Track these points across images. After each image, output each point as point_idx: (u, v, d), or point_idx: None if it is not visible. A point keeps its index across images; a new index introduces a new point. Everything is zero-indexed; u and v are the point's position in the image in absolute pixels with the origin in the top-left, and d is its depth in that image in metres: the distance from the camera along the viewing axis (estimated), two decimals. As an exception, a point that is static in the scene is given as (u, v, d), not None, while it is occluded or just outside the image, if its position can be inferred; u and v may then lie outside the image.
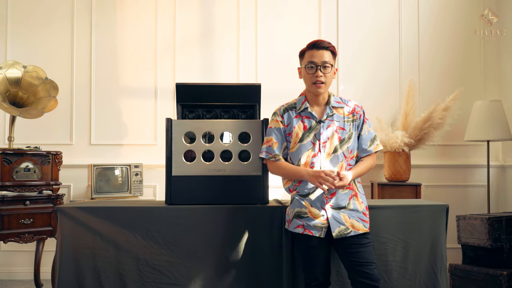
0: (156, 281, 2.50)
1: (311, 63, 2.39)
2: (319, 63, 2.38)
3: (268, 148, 2.46)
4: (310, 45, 2.42)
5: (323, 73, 2.38)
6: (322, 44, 2.40)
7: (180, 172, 2.62)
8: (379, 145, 2.51)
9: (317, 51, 2.39)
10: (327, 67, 2.38)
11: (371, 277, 2.26)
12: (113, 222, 2.52)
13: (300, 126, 2.43)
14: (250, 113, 2.86)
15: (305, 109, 2.44)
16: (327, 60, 2.39)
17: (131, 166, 4.22)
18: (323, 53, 2.39)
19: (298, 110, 2.45)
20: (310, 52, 2.41)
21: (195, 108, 2.85)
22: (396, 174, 4.17)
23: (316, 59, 2.38)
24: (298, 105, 2.47)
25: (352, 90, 4.57)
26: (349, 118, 2.45)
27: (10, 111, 3.66)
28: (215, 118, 2.84)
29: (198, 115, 2.85)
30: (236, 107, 2.85)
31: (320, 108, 2.46)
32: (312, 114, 2.43)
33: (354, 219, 2.34)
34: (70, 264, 2.50)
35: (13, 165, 3.58)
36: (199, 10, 4.60)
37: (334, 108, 2.45)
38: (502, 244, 3.41)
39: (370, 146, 2.48)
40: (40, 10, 4.51)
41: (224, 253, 2.53)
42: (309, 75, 2.40)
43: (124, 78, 4.54)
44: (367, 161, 2.47)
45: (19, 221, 3.59)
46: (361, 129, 2.47)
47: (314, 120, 2.42)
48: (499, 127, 4.04)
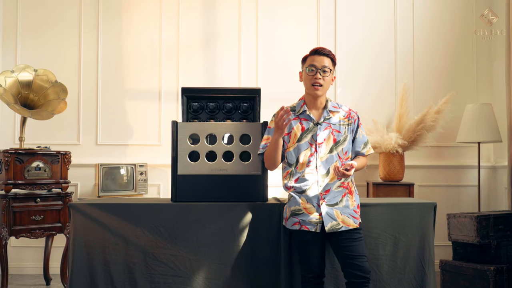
0: (162, 273, 2.67)
1: (312, 66, 2.58)
2: (319, 66, 2.56)
3: (264, 146, 2.66)
4: (312, 51, 2.63)
5: (322, 76, 2.56)
6: (324, 51, 2.60)
7: (185, 172, 2.79)
8: (370, 148, 2.71)
9: (318, 56, 2.59)
10: (326, 71, 2.57)
11: (362, 269, 2.44)
12: (123, 218, 2.68)
13: (299, 127, 2.60)
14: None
15: (304, 112, 2.62)
16: (327, 65, 2.58)
17: (136, 166, 4.39)
18: (323, 59, 2.58)
19: (297, 112, 2.63)
20: (312, 57, 2.61)
21: (200, 99, 3.02)
22: (390, 174, 4.35)
23: (317, 63, 2.57)
24: (297, 108, 2.65)
25: (349, 93, 4.74)
26: (344, 122, 2.63)
27: (22, 112, 3.83)
28: (218, 108, 3.01)
29: (202, 105, 3.01)
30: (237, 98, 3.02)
31: (317, 112, 2.64)
32: (310, 116, 2.61)
33: (345, 215, 2.51)
34: (82, 256, 2.66)
35: (25, 164, 3.76)
36: (202, 15, 4.77)
37: (331, 112, 2.63)
38: (489, 241, 3.58)
39: (363, 149, 2.67)
40: (49, 16, 4.68)
41: (226, 247, 2.69)
42: (309, 77, 2.58)
43: (129, 81, 4.72)
44: (362, 159, 2.68)
45: (30, 217, 3.76)
46: (356, 132, 2.66)
47: (312, 122, 2.60)
48: (489, 129, 4.21)
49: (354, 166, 2.47)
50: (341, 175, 2.47)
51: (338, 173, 2.47)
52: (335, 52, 4.70)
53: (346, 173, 2.45)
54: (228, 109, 3.02)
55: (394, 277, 2.72)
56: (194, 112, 3.01)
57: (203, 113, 3.03)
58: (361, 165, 2.63)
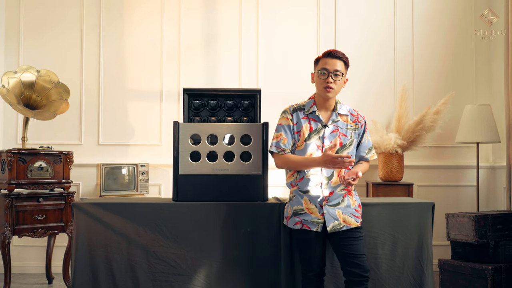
0: (164, 272, 2.70)
1: (324, 69, 2.58)
2: (331, 70, 2.56)
3: (277, 143, 2.65)
4: (325, 54, 2.61)
5: (333, 80, 2.56)
6: (337, 54, 2.59)
7: (186, 171, 2.82)
8: (374, 154, 2.74)
9: (331, 59, 2.58)
10: (338, 75, 2.57)
11: (362, 268, 2.47)
12: (125, 217, 2.72)
13: (307, 127, 2.62)
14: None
15: (313, 112, 2.64)
16: (339, 69, 2.57)
17: (137, 166, 4.43)
18: (336, 62, 2.57)
19: (306, 112, 2.65)
20: (324, 60, 2.59)
21: (201, 97, 3.05)
22: (390, 174, 4.38)
23: (329, 67, 2.57)
24: (307, 107, 2.66)
25: (349, 94, 4.77)
26: (351, 126, 2.65)
27: (25, 113, 3.87)
28: (219, 106, 3.04)
29: (203, 103, 3.04)
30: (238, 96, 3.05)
31: (326, 113, 2.65)
32: (319, 117, 2.63)
33: (347, 215, 2.54)
34: (85, 255, 2.70)
35: (28, 164, 3.79)
36: (202, 16, 4.81)
37: (340, 115, 2.65)
38: (488, 241, 3.62)
39: (368, 154, 2.70)
40: (51, 17, 4.72)
41: (227, 245, 2.73)
42: (320, 80, 2.59)
43: (130, 82, 4.75)
44: (365, 164, 2.71)
45: (33, 217, 3.80)
46: (361, 137, 2.68)
47: (320, 123, 2.62)
48: (488, 130, 4.24)
49: (359, 176, 2.49)
50: (347, 184, 2.50)
51: (344, 182, 2.49)
52: (335, 53, 4.73)
53: (352, 182, 2.48)
54: (229, 107, 3.05)
55: (392, 276, 2.76)
56: (196, 110, 3.04)
57: (204, 110, 3.06)
58: (364, 171, 2.67)
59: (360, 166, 2.67)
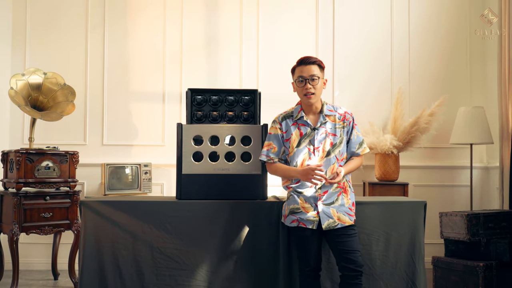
0: (168, 267, 2.83)
1: (300, 77, 2.71)
2: (307, 76, 2.69)
3: (267, 152, 2.80)
4: (298, 62, 2.74)
5: (312, 85, 2.69)
6: (309, 59, 2.71)
7: (189, 171, 2.95)
8: (366, 148, 2.84)
9: (305, 66, 2.70)
10: (315, 79, 2.69)
11: (356, 263, 2.60)
12: (131, 215, 2.85)
13: (297, 132, 2.75)
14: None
15: (301, 117, 2.77)
16: (315, 73, 2.69)
17: (140, 165, 4.55)
18: (310, 67, 2.69)
19: (295, 118, 2.78)
20: (299, 68, 2.72)
21: (203, 92, 3.19)
22: (386, 174, 4.51)
23: (305, 74, 2.69)
24: (295, 113, 2.79)
25: (347, 96, 4.89)
26: (340, 125, 2.77)
27: (32, 114, 3.99)
28: (220, 101, 3.18)
29: (205, 98, 3.18)
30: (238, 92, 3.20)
31: (314, 116, 2.78)
32: (308, 122, 2.75)
33: (341, 213, 2.67)
34: (92, 250, 2.83)
35: (35, 163, 3.91)
36: (204, 18, 4.93)
37: (327, 116, 2.77)
38: (479, 239, 3.74)
39: (358, 149, 2.82)
40: (57, 21, 4.83)
41: (227, 242, 2.86)
42: (300, 88, 2.72)
43: (134, 83, 4.87)
44: (356, 160, 2.82)
45: (40, 214, 3.92)
46: (350, 133, 2.80)
47: (309, 127, 2.75)
48: (481, 131, 4.37)
49: (339, 173, 2.63)
50: (328, 183, 2.63)
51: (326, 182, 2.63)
52: (334, 56, 4.86)
53: (334, 181, 2.62)
54: (230, 102, 3.18)
55: (386, 271, 2.89)
56: (198, 105, 3.18)
57: (206, 105, 3.19)
58: (354, 166, 2.78)
59: (350, 164, 2.77)
